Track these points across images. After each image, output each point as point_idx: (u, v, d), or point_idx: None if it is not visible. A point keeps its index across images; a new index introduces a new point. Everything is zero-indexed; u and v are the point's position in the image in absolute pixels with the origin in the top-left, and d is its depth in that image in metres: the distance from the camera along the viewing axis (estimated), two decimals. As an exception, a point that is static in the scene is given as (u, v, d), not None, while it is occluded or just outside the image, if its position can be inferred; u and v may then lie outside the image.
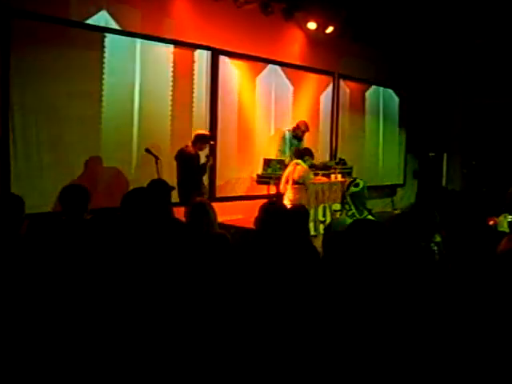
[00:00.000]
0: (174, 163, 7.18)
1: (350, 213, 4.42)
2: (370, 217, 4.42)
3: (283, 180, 7.31)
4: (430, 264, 2.67)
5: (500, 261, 2.58)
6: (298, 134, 8.19)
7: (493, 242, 3.19)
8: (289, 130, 8.29)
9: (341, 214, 6.81)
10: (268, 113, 8.73)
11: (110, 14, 6.43)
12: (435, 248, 2.85)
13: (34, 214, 5.06)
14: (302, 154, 7.53)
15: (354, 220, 2.52)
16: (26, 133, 5.67)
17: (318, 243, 5.17)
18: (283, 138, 8.22)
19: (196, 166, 6.73)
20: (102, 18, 6.40)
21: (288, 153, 8.14)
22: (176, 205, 5.28)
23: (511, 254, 2.53)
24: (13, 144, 5.56)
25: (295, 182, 7.18)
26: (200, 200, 4.01)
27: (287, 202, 7.02)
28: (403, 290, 2.25)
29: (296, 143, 8.23)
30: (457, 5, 8.77)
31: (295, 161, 7.42)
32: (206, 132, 7.11)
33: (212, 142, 7.05)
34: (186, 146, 6.78)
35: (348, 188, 4.36)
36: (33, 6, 5.58)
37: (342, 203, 4.43)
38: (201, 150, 6.84)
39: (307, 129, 8.25)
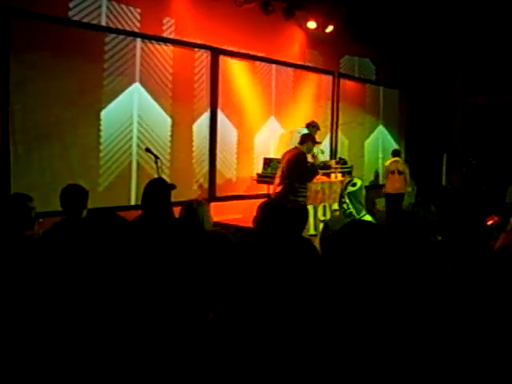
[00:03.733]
0: (175, 163, 7.21)
1: (347, 212, 4.42)
2: (367, 216, 4.42)
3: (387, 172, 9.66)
4: (428, 263, 2.67)
5: (497, 257, 2.58)
6: (310, 132, 8.16)
7: (491, 241, 3.19)
8: (303, 128, 8.26)
9: (338, 213, 6.83)
10: (268, 112, 8.74)
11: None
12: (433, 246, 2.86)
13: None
14: (399, 152, 9.95)
15: (347, 222, 2.52)
16: (26, 133, 5.67)
17: (317, 242, 5.18)
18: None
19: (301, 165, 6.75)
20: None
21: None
22: (176, 204, 5.27)
23: (508, 250, 2.53)
24: (13, 145, 5.56)
25: (400, 173, 9.42)
26: (191, 200, 4.01)
27: (392, 189, 9.50)
28: (400, 289, 2.25)
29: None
30: (456, 4, 8.78)
31: (395, 158, 9.62)
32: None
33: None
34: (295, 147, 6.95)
35: (346, 187, 4.38)
36: (32, 5, 5.58)
37: (340, 202, 4.47)
38: (309, 151, 6.95)
39: (318, 128, 8.25)
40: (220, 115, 7.85)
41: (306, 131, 8.12)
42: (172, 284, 2.77)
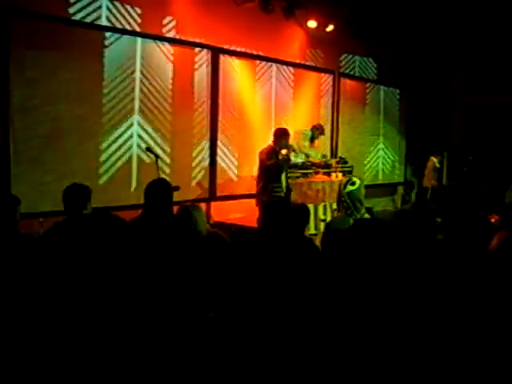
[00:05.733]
0: (174, 162, 7.20)
1: (348, 211, 4.42)
2: (367, 215, 4.42)
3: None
4: (429, 261, 2.67)
5: (492, 258, 2.57)
6: (314, 134, 8.24)
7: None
8: (309, 129, 8.31)
9: (338, 213, 6.83)
10: (268, 111, 8.74)
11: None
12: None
13: (32, 213, 5.09)
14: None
15: (358, 219, 2.51)
16: (25, 132, 5.66)
17: (318, 242, 5.19)
18: (306, 135, 8.24)
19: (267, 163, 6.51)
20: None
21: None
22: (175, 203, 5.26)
23: (502, 250, 2.53)
24: (13, 143, 5.55)
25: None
26: (185, 205, 3.99)
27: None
28: (404, 288, 2.25)
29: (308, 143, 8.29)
30: (456, 3, 8.78)
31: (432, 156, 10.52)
32: (285, 127, 7.09)
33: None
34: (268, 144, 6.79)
35: (345, 187, 4.39)
36: (32, 4, 5.58)
37: (338, 202, 4.47)
38: (280, 147, 6.68)
39: (322, 132, 8.33)
40: (220, 114, 7.84)
41: (309, 132, 8.16)
42: (171, 283, 2.76)
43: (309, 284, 2.62)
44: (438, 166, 10.57)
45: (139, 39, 6.73)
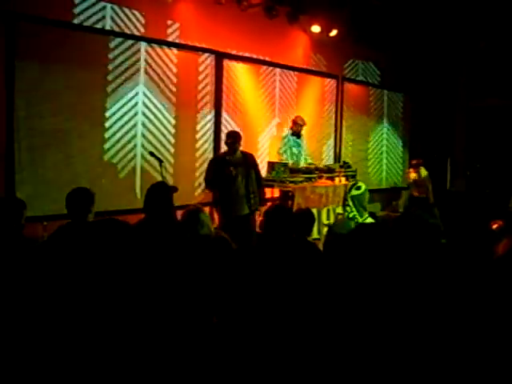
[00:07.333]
0: (177, 166, 7.20)
1: (351, 215, 4.43)
2: (370, 219, 4.43)
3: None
4: (432, 266, 2.67)
5: (499, 264, 2.57)
6: (296, 130, 8.12)
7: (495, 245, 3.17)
8: (288, 129, 8.24)
9: (340, 217, 6.82)
10: (272, 116, 8.74)
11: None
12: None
13: (36, 216, 5.10)
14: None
15: (359, 224, 2.51)
16: (30, 137, 5.68)
17: (321, 246, 5.18)
18: (284, 138, 8.19)
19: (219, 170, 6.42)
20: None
21: (289, 153, 8.11)
22: (179, 208, 5.27)
23: (510, 256, 2.53)
24: (17, 148, 5.57)
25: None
26: (191, 207, 4.00)
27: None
28: (405, 292, 2.25)
29: (296, 140, 8.18)
30: (461, 7, 8.78)
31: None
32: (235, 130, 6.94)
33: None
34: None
35: (350, 190, 4.39)
36: (37, 9, 5.61)
37: (344, 205, 4.47)
38: (228, 152, 6.60)
39: (304, 123, 8.16)
40: (224, 119, 7.85)
41: (284, 134, 8.13)
42: (175, 288, 2.77)
43: (312, 288, 2.62)
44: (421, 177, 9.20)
45: (143, 44, 6.75)
